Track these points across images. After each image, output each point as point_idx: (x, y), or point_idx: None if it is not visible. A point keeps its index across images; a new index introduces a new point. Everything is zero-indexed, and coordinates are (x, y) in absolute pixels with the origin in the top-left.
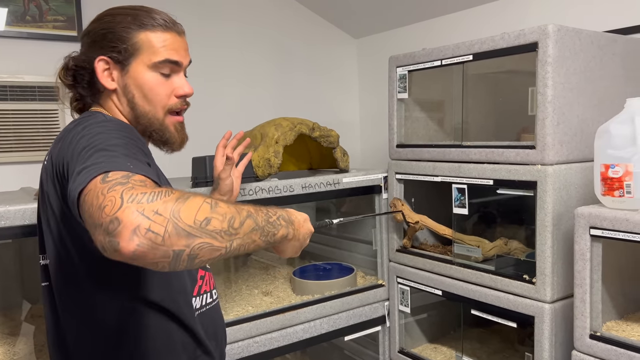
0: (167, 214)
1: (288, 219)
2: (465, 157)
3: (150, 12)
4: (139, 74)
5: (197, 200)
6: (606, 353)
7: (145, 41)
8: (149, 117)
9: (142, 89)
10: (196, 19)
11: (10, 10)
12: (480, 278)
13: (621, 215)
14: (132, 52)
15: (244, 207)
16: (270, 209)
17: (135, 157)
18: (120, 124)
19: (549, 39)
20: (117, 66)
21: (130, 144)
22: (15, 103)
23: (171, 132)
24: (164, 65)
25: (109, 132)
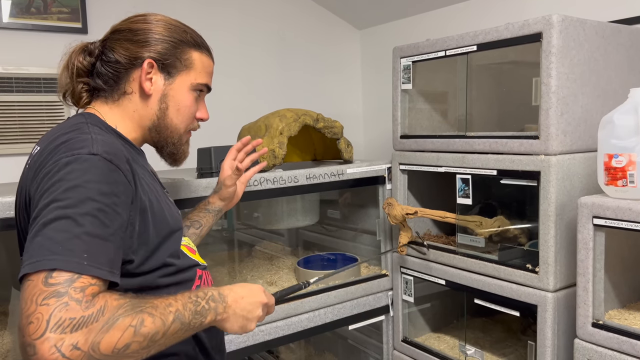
0: (85, 348)
1: (219, 297)
2: (469, 147)
3: (195, 32)
4: (182, 89)
5: (122, 325)
6: (608, 341)
7: (196, 60)
8: (171, 130)
9: (178, 103)
10: (197, 10)
11: (14, 2)
12: (484, 267)
13: (624, 205)
14: (182, 67)
15: (174, 306)
16: (201, 293)
17: (98, 235)
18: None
19: (553, 29)
20: (162, 74)
21: (103, 205)
22: (20, 95)
23: (185, 149)
24: (202, 88)
25: (85, 186)
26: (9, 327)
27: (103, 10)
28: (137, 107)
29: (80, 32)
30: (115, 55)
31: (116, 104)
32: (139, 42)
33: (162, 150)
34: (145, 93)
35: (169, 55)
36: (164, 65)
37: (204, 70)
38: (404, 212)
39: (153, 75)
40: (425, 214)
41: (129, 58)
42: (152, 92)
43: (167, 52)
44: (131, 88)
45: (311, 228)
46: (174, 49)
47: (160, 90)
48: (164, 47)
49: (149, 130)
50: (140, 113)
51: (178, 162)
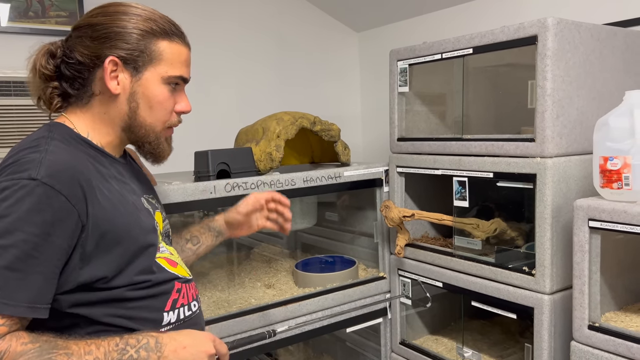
0: None
1: (155, 346)
2: (465, 150)
3: (163, 18)
4: (151, 83)
5: None
6: (604, 343)
7: (163, 51)
8: (146, 129)
9: (149, 100)
10: (195, 12)
11: (13, 6)
12: (481, 270)
13: (619, 207)
14: (149, 60)
15: (93, 355)
16: (133, 340)
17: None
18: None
19: (548, 32)
20: (127, 71)
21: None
22: (19, 99)
23: (164, 147)
24: (176, 80)
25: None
26: None
27: None
28: (106, 109)
29: None
30: (77, 56)
31: (86, 107)
32: (99, 39)
33: (141, 149)
34: (112, 93)
35: (133, 49)
36: (128, 60)
37: (176, 59)
38: (401, 214)
39: (118, 73)
40: (422, 216)
41: (91, 57)
42: (119, 91)
43: (130, 46)
44: (98, 89)
45: (310, 230)
46: (137, 42)
47: (128, 88)
48: (126, 40)
49: (123, 131)
50: (110, 115)
51: (158, 160)
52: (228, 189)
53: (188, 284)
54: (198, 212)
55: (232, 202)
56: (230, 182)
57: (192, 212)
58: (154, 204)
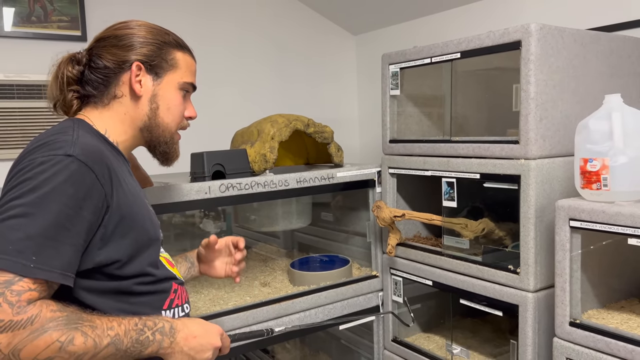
0: (6, 351)
1: (169, 331)
2: (453, 152)
3: (175, 34)
4: (170, 88)
5: (48, 338)
6: (585, 340)
7: (180, 60)
8: (163, 129)
9: (168, 102)
10: (194, 16)
11: (16, 12)
12: (468, 268)
13: (598, 207)
14: (168, 67)
15: (115, 330)
16: (151, 322)
17: (54, 238)
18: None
19: (531, 37)
20: (150, 75)
21: (65, 207)
22: (22, 101)
23: (175, 148)
24: (188, 87)
25: (51, 187)
26: None
27: (102, 19)
28: (127, 109)
29: (80, 39)
30: (104, 62)
31: (106, 108)
32: (125, 47)
33: (155, 150)
34: (136, 94)
35: (155, 57)
36: (151, 66)
37: (188, 69)
38: (392, 214)
39: (142, 77)
40: (413, 216)
41: (117, 62)
42: (142, 93)
43: (152, 54)
44: (121, 91)
45: (305, 230)
46: (159, 50)
47: (150, 90)
48: (149, 49)
49: (141, 131)
50: (131, 115)
51: (170, 161)
52: (223, 190)
53: (182, 286)
54: (199, 212)
55: (226, 202)
56: (225, 182)
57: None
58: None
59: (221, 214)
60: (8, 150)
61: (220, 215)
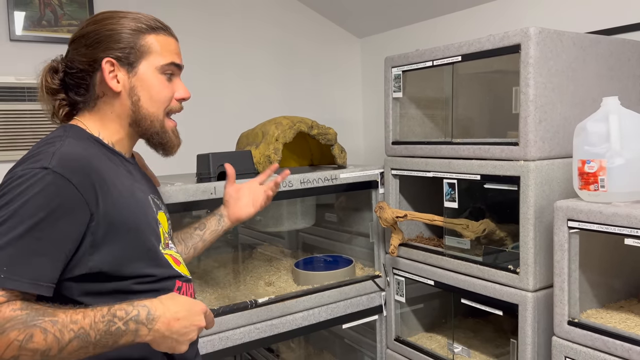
0: None
1: (147, 318)
2: (454, 153)
3: (147, 16)
4: (147, 75)
5: (6, 339)
6: (583, 338)
7: (152, 44)
8: (151, 119)
9: (149, 90)
10: (202, 19)
11: (27, 16)
12: (469, 268)
13: (595, 208)
14: (141, 54)
15: (78, 324)
16: (121, 312)
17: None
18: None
19: (530, 41)
20: (123, 68)
21: (38, 220)
22: (32, 104)
23: (170, 135)
24: (169, 67)
25: (25, 200)
26: None
27: None
28: (113, 108)
29: None
30: (77, 65)
31: (94, 110)
32: (92, 45)
33: (151, 142)
34: (114, 91)
35: (124, 47)
36: (122, 59)
37: (165, 49)
38: (394, 215)
39: (116, 72)
40: (415, 217)
41: (89, 63)
42: (120, 88)
43: (121, 45)
44: (101, 91)
45: (309, 231)
46: (127, 41)
47: (127, 84)
48: (116, 41)
49: (130, 126)
50: (117, 112)
51: (169, 151)
52: None
53: (188, 284)
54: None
55: None
56: None
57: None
58: (158, 204)
59: None
60: (20, 151)
61: None
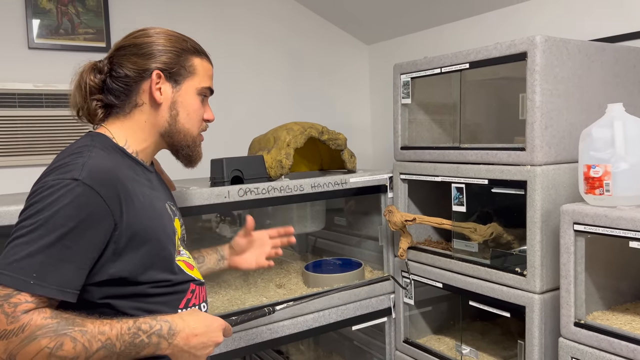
0: (4, 356)
1: (168, 333)
2: (462, 158)
3: (194, 41)
4: (188, 94)
5: (37, 346)
6: (589, 339)
7: (198, 66)
8: (185, 134)
9: (187, 108)
10: (216, 27)
11: (45, 24)
12: (477, 271)
13: (601, 212)
14: (187, 74)
15: (106, 335)
16: (146, 325)
17: (55, 257)
18: (82, 191)
19: (536, 49)
20: (169, 82)
21: (68, 229)
22: (50, 109)
23: (198, 150)
24: (205, 91)
25: (56, 210)
26: None
27: (126, 31)
28: (148, 117)
29: (105, 51)
30: (124, 70)
31: (128, 117)
32: (145, 55)
33: (178, 153)
34: (156, 102)
35: (174, 64)
36: (170, 74)
37: (206, 74)
38: (403, 219)
39: (161, 84)
40: (423, 220)
41: (137, 71)
42: (162, 100)
43: (171, 62)
44: (142, 99)
45: (319, 234)
46: (177, 58)
47: (170, 97)
48: (168, 57)
49: (162, 136)
50: (151, 122)
51: (193, 163)
52: (241, 194)
53: (201, 287)
54: (215, 216)
55: (244, 206)
56: (243, 187)
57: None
58: (174, 210)
59: (237, 219)
60: (38, 156)
61: (236, 220)
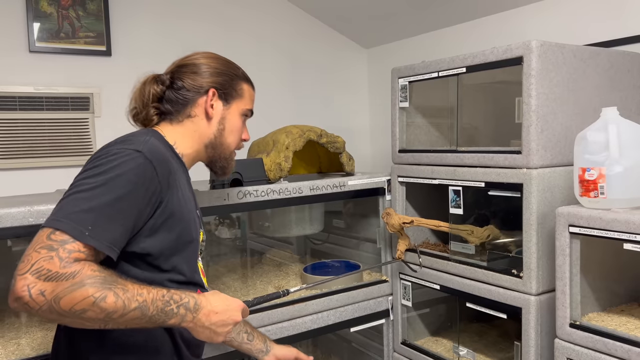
0: (49, 297)
1: (194, 307)
2: (459, 161)
3: (243, 70)
4: (235, 114)
5: (84, 292)
6: (584, 340)
7: (246, 90)
8: (226, 147)
9: (232, 125)
10: (215, 30)
11: (46, 28)
12: (474, 273)
13: (595, 214)
14: (236, 95)
15: (143, 297)
16: (177, 296)
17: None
18: (143, 161)
19: (532, 53)
20: (221, 101)
21: (126, 193)
22: (51, 112)
23: (232, 163)
24: (248, 112)
25: (118, 173)
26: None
27: (126, 35)
28: (198, 128)
29: (105, 54)
30: (184, 85)
31: (179, 124)
32: (204, 75)
33: (215, 164)
34: (209, 116)
35: (227, 86)
36: (223, 93)
37: (250, 98)
38: (401, 221)
39: (214, 101)
40: (421, 223)
41: (196, 87)
42: (213, 115)
43: (225, 83)
44: (195, 112)
45: (318, 237)
46: (230, 81)
47: (220, 114)
48: (223, 79)
49: (206, 147)
50: (200, 132)
51: (227, 174)
52: (240, 196)
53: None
54: (214, 219)
55: (243, 208)
56: (242, 189)
57: (207, 220)
58: (201, 220)
59: (236, 221)
60: (38, 159)
61: (235, 223)
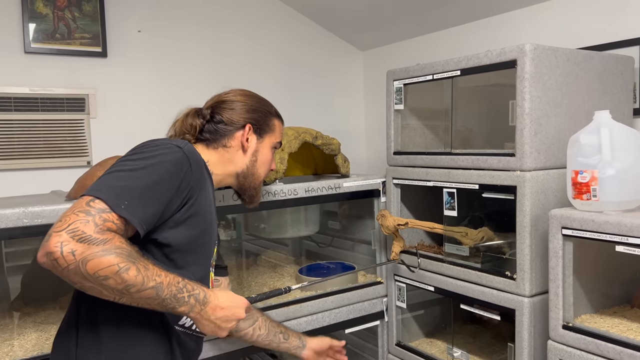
0: (78, 258)
1: (202, 300)
2: (454, 163)
3: (274, 106)
4: (267, 147)
5: (111, 260)
6: (577, 342)
7: (276, 126)
8: (256, 177)
9: (263, 157)
10: (210, 33)
11: (42, 29)
12: (468, 275)
13: (588, 217)
14: (269, 130)
15: (161, 279)
16: (190, 286)
17: (146, 196)
18: (182, 157)
19: (526, 57)
20: (255, 135)
21: (163, 180)
22: (46, 113)
23: (260, 194)
24: (277, 145)
25: (159, 161)
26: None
27: (121, 36)
28: (231, 157)
29: (101, 55)
30: (224, 119)
31: (214, 150)
32: (241, 111)
33: (245, 192)
34: (244, 148)
35: (261, 122)
36: (257, 128)
37: (279, 133)
38: (395, 223)
39: (249, 135)
40: (415, 224)
41: (232, 121)
42: (248, 148)
43: (260, 119)
44: (231, 143)
45: (313, 238)
46: (264, 117)
47: (254, 146)
48: (258, 115)
49: (237, 176)
50: (233, 161)
51: (255, 203)
52: (235, 198)
53: None
54: None
55: (238, 210)
56: None
57: None
58: (218, 237)
59: (232, 223)
60: (34, 160)
61: (230, 224)
